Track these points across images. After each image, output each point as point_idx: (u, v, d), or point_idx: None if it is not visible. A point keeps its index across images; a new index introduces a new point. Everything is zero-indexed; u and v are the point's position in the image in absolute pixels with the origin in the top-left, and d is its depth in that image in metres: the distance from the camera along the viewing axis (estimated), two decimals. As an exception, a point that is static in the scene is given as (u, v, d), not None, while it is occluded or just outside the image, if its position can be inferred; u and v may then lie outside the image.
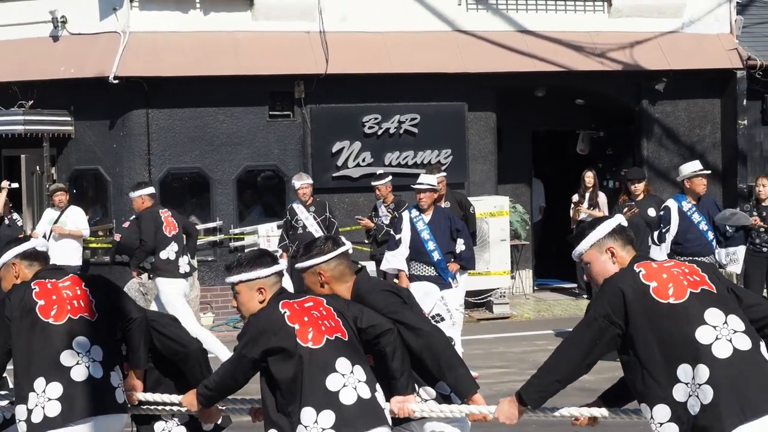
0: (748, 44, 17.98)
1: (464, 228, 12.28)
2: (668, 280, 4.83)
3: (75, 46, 16.05)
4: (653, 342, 4.73)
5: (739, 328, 4.73)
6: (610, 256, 5.04)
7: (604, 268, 5.04)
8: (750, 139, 18.11)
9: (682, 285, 4.82)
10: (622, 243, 5.06)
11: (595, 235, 5.07)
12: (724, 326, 4.71)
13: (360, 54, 16.43)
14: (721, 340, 4.66)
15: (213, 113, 16.26)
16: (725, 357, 4.63)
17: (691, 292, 4.79)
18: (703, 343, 4.66)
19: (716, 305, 4.78)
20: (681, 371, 4.66)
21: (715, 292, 4.84)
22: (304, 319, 5.15)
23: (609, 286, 4.91)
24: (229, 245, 16.36)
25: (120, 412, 5.74)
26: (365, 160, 16.61)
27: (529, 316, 16.24)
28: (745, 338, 4.70)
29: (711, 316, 4.73)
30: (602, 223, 5.11)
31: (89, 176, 16.58)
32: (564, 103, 18.42)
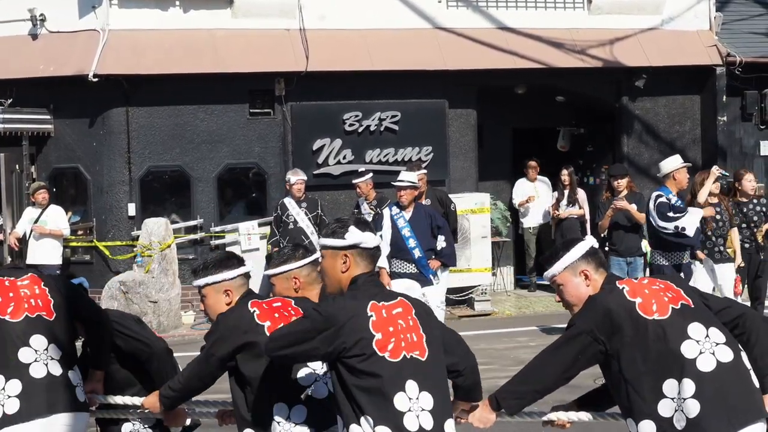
0: (728, 41, 18.04)
1: (445, 225, 12.30)
2: (650, 296, 4.86)
3: (54, 44, 15.99)
4: (639, 358, 4.76)
5: (720, 340, 4.78)
6: (583, 279, 5.03)
7: (578, 291, 5.03)
8: (730, 135, 18.17)
9: (664, 301, 4.85)
10: (595, 266, 5.06)
11: (569, 257, 5.05)
12: (707, 340, 4.76)
13: (340, 51, 16.42)
14: (704, 354, 4.71)
15: (193, 111, 16.21)
16: (709, 370, 4.68)
17: (672, 308, 4.83)
18: (688, 358, 4.70)
19: (697, 319, 4.82)
20: (667, 386, 4.70)
21: (692, 306, 4.89)
22: (274, 315, 5.12)
23: (595, 303, 4.91)
24: (210, 243, 16.32)
25: (80, 411, 5.68)
26: (346, 157, 16.60)
27: (511, 313, 16.25)
28: (726, 350, 4.75)
29: (693, 330, 4.78)
30: (576, 246, 5.09)
31: (69, 175, 16.53)
32: (544, 100, 18.44)
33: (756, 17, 19.00)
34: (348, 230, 4.90)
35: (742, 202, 13.06)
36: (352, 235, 4.89)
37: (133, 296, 15.00)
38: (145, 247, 15.32)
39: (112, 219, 16.04)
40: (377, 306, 4.76)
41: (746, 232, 13.00)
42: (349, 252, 4.89)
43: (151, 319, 14.96)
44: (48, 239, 15.15)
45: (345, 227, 4.92)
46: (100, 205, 16.07)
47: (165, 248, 15.33)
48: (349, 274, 4.90)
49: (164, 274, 15.31)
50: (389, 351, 4.66)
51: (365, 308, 4.73)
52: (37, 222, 15.12)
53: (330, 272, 4.94)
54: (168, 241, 15.41)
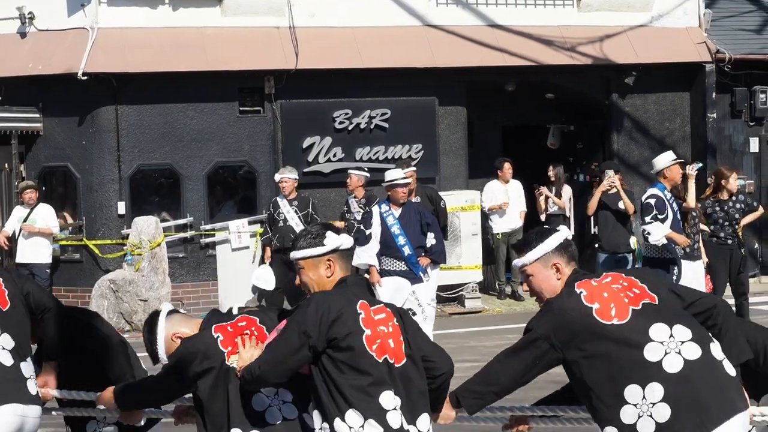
0: (717, 38, 18.06)
1: (434, 222, 12.31)
2: (609, 299, 4.76)
3: (43, 42, 15.95)
4: (599, 365, 4.69)
5: (686, 337, 4.70)
6: (555, 272, 4.95)
7: (548, 283, 4.95)
8: (719, 132, 18.20)
9: (624, 303, 4.76)
10: (567, 259, 4.98)
11: (542, 248, 4.96)
12: (671, 339, 4.68)
13: (330, 49, 16.40)
14: (670, 354, 4.63)
15: (183, 109, 16.19)
16: (677, 371, 4.61)
17: (633, 310, 4.74)
18: (653, 361, 4.63)
19: (660, 319, 4.73)
20: (628, 393, 4.63)
21: (656, 303, 4.80)
22: (234, 341, 5.04)
23: (552, 308, 4.85)
24: (200, 242, 16.30)
25: (32, 404, 5.61)
26: (336, 155, 16.58)
27: (501, 310, 16.28)
28: (693, 346, 4.68)
29: (656, 331, 4.69)
30: (550, 236, 5.00)
31: (58, 173, 16.49)
32: (534, 97, 18.45)
33: (745, 14, 19.03)
34: (326, 236, 4.92)
35: (722, 200, 13.10)
36: (330, 240, 4.91)
37: (123, 295, 14.98)
38: (135, 246, 15.30)
39: (101, 217, 16.01)
40: (366, 306, 4.80)
41: (728, 228, 13.06)
42: (331, 256, 4.92)
43: (142, 318, 14.94)
44: (37, 238, 15.11)
45: (321, 234, 4.93)
46: (89, 204, 16.04)
47: (155, 247, 15.32)
48: (335, 277, 4.92)
49: (154, 273, 15.30)
50: (374, 351, 4.70)
51: (356, 304, 4.77)
52: (27, 221, 15.09)
53: (316, 281, 4.93)
54: (158, 239, 15.40)
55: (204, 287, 16.23)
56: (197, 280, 16.29)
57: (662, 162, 12.09)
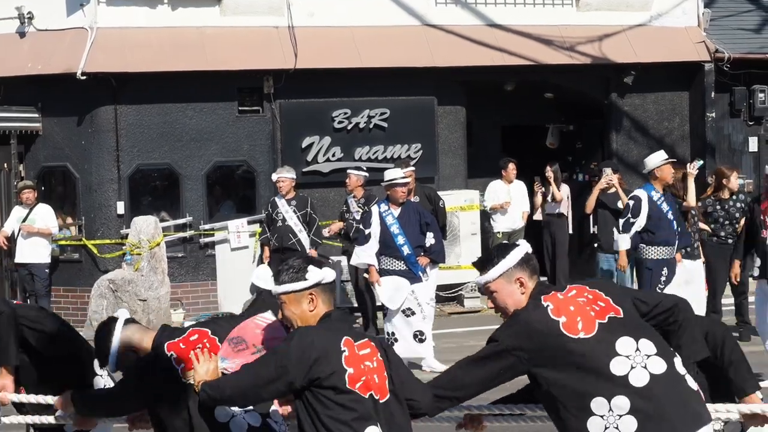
0: (716, 37, 18.06)
1: (433, 222, 12.31)
2: (576, 313, 4.77)
3: (42, 42, 15.94)
4: (566, 377, 4.70)
5: (652, 351, 4.74)
6: (519, 286, 4.95)
7: (513, 299, 4.95)
8: (718, 131, 18.21)
9: (590, 317, 4.77)
10: (530, 272, 4.97)
11: (505, 263, 4.95)
12: (637, 353, 4.71)
13: (329, 49, 16.40)
14: (636, 369, 4.66)
15: (182, 109, 16.18)
16: (643, 385, 4.64)
17: (599, 324, 4.75)
18: (619, 375, 4.65)
19: (626, 332, 4.76)
20: (594, 404, 4.65)
21: (622, 316, 4.82)
22: (188, 356, 5.02)
23: (519, 321, 4.85)
24: (199, 241, 16.30)
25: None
26: (335, 155, 16.58)
27: (500, 310, 16.24)
28: (659, 361, 4.72)
29: (622, 345, 4.72)
30: (512, 251, 5.00)
31: (57, 173, 16.49)
32: (533, 96, 18.44)
33: (744, 13, 19.03)
34: (308, 270, 4.86)
35: (723, 199, 13.10)
36: (313, 274, 4.85)
37: (123, 294, 14.98)
38: (134, 246, 15.30)
39: (100, 217, 16.00)
40: (350, 342, 4.74)
41: (728, 228, 13.07)
42: (313, 291, 4.86)
43: (141, 317, 14.95)
44: (36, 238, 15.11)
45: (304, 268, 4.87)
46: (88, 204, 16.04)
47: (154, 246, 15.31)
48: (318, 312, 4.86)
49: (153, 273, 15.29)
50: (358, 388, 4.66)
51: (339, 342, 4.71)
52: (26, 221, 15.08)
53: (299, 316, 4.87)
54: (157, 239, 15.39)
55: (203, 287, 16.23)
56: (196, 279, 16.29)
57: (653, 162, 12.09)
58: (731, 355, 5.39)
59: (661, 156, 12.12)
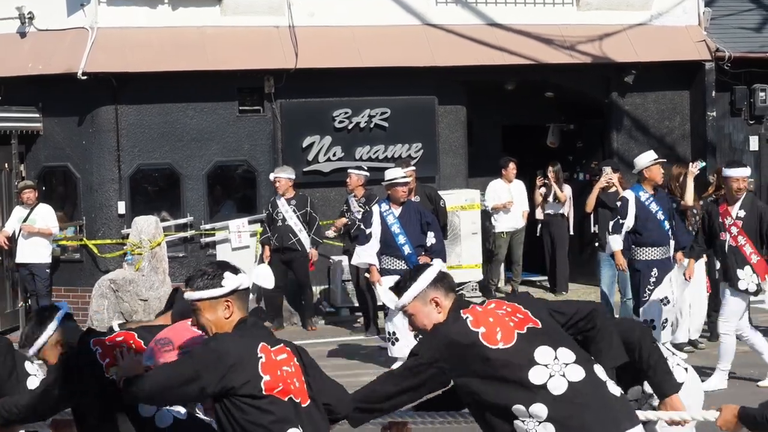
0: (717, 36, 18.05)
1: (434, 221, 12.31)
2: (495, 324, 4.83)
3: (43, 42, 15.94)
4: (487, 387, 4.75)
5: (570, 359, 4.79)
6: (434, 306, 4.97)
7: (430, 319, 4.97)
8: (719, 130, 18.19)
9: (509, 327, 4.83)
10: (444, 291, 5.01)
11: (418, 285, 4.98)
12: (555, 362, 4.76)
13: (329, 48, 16.40)
14: (554, 377, 4.72)
15: (182, 109, 16.18)
16: (561, 393, 4.70)
17: (518, 334, 4.81)
18: (538, 384, 4.71)
19: (544, 342, 4.82)
20: (516, 411, 4.72)
21: (540, 326, 4.88)
22: (113, 353, 5.02)
23: (438, 334, 4.89)
24: (200, 241, 16.30)
25: None
26: (336, 154, 16.58)
27: (501, 309, 16.21)
28: (577, 368, 4.78)
29: (541, 354, 4.77)
30: (424, 273, 5.03)
31: (58, 173, 16.49)
32: (534, 96, 18.43)
33: (744, 12, 19.01)
34: (224, 277, 4.77)
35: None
36: (229, 281, 4.77)
37: (123, 294, 14.98)
38: (135, 245, 15.30)
39: (101, 217, 16.00)
40: (267, 348, 4.71)
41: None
42: (230, 297, 4.77)
43: (142, 317, 14.95)
44: (37, 238, 15.10)
45: (219, 275, 4.77)
46: (89, 204, 16.04)
47: (155, 246, 15.31)
48: (233, 319, 4.79)
49: (154, 272, 15.29)
50: (277, 393, 4.64)
51: (255, 348, 4.67)
52: (26, 221, 15.08)
53: (214, 323, 4.77)
54: (158, 239, 15.39)
55: (204, 287, 16.19)
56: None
57: (641, 162, 12.09)
58: (649, 358, 5.38)
59: (650, 156, 12.12)
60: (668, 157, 16.71)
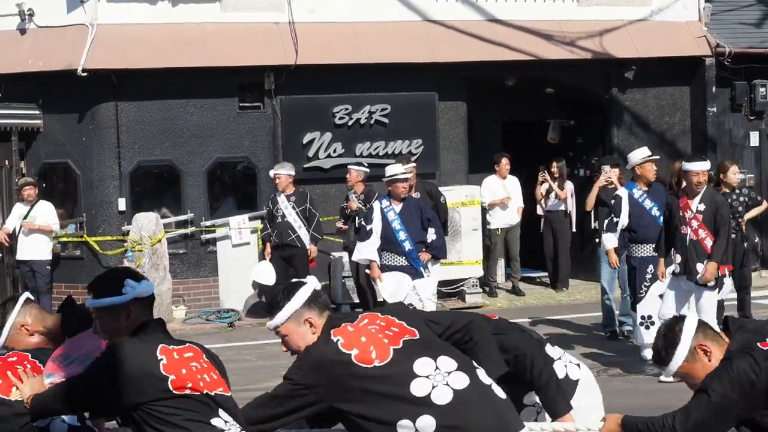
0: (717, 31, 18.04)
1: (435, 217, 12.31)
2: (368, 342, 4.73)
3: (42, 39, 15.94)
4: (367, 408, 4.65)
5: (452, 367, 4.71)
6: (308, 327, 4.86)
7: (305, 340, 4.85)
8: (719, 126, 18.18)
9: (383, 344, 4.73)
10: (318, 311, 4.89)
11: (291, 306, 4.85)
12: (437, 372, 4.67)
13: (329, 45, 16.39)
14: (438, 387, 4.63)
15: (183, 105, 16.19)
16: (446, 402, 4.61)
17: (393, 350, 4.72)
18: (420, 396, 4.61)
19: (423, 353, 4.73)
20: (400, 428, 4.62)
21: (417, 337, 4.80)
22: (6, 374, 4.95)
23: (310, 358, 4.78)
24: (201, 238, 16.30)
25: None
26: (336, 150, 16.58)
27: (502, 305, 16.26)
28: (460, 375, 4.69)
29: (420, 366, 4.68)
30: (297, 292, 4.89)
31: (59, 170, 16.49)
32: (534, 92, 18.43)
33: (745, 8, 19.01)
34: (125, 284, 4.67)
35: (726, 193, 13.08)
36: (130, 289, 4.66)
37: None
38: (136, 242, 15.30)
39: (102, 214, 16.01)
40: (167, 349, 4.61)
41: (731, 222, 13.03)
42: (131, 305, 4.66)
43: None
44: (37, 235, 15.10)
45: (119, 282, 4.68)
46: (90, 200, 16.04)
47: (155, 243, 15.32)
48: (132, 325, 4.69)
49: (155, 269, 15.29)
50: (188, 389, 4.55)
51: (155, 352, 4.57)
52: (27, 218, 15.08)
53: (114, 330, 4.67)
54: (158, 235, 15.40)
55: (205, 283, 16.24)
56: (198, 276, 16.29)
57: (633, 159, 12.09)
58: (540, 377, 5.31)
59: (643, 153, 12.12)
60: (669, 153, 16.81)
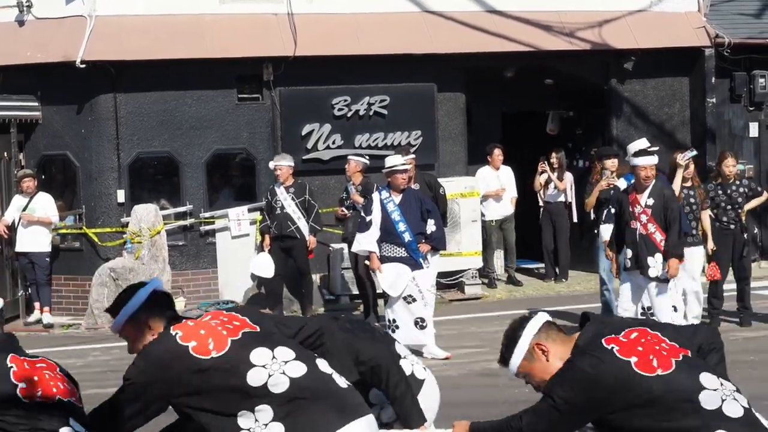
0: (716, 22, 18.02)
1: (434, 209, 12.30)
2: (207, 335, 4.73)
3: (41, 30, 15.92)
4: (206, 400, 4.65)
5: (290, 356, 4.73)
6: (148, 329, 4.86)
7: (144, 343, 4.86)
8: (719, 116, 18.17)
9: (222, 335, 4.74)
10: (158, 312, 4.90)
11: (129, 308, 4.84)
12: (274, 361, 4.68)
13: (328, 36, 16.37)
14: (274, 376, 4.64)
15: (181, 97, 16.17)
16: (283, 391, 4.63)
17: (232, 341, 4.73)
18: (257, 386, 4.62)
19: (261, 344, 4.74)
20: (241, 420, 4.63)
21: (258, 330, 4.82)
22: None
23: (148, 355, 4.75)
24: (200, 229, 16.30)
25: None
26: (335, 142, 16.58)
27: (501, 296, 16.27)
28: (298, 364, 4.71)
29: (257, 356, 4.68)
30: (135, 295, 4.88)
31: (58, 162, 16.48)
32: (533, 83, 18.43)
33: (744, -2, 18.99)
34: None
35: (726, 184, 13.07)
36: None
37: (123, 283, 14.95)
38: (135, 234, 15.30)
39: (101, 206, 16.00)
40: (17, 358, 4.63)
41: (731, 213, 13.04)
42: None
43: (142, 306, 14.94)
44: (37, 227, 15.11)
45: None
46: (89, 192, 16.03)
47: (155, 234, 15.32)
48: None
49: (154, 261, 15.30)
50: (38, 397, 4.55)
51: (5, 361, 4.59)
52: (26, 210, 15.08)
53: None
54: (157, 227, 15.40)
55: (204, 275, 16.24)
56: (197, 267, 16.29)
57: (632, 151, 12.08)
58: (395, 389, 5.30)
59: (640, 145, 12.11)
60: (668, 144, 16.80)
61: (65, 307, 15.93)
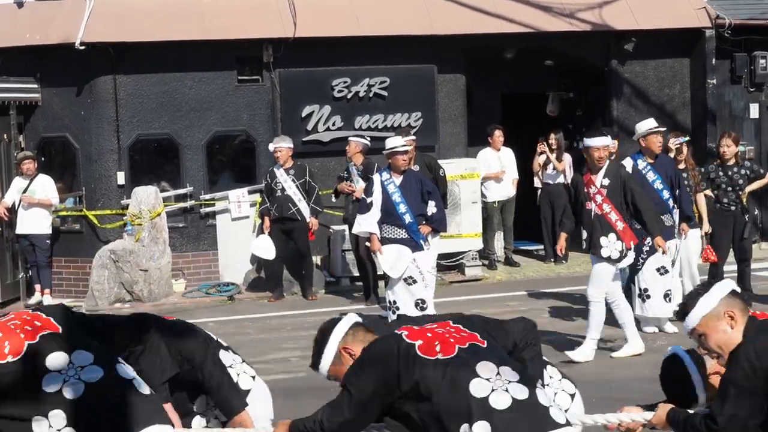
0: (717, 3, 17.98)
1: (435, 190, 12.28)
2: (3, 339, 4.75)
3: (40, 12, 15.89)
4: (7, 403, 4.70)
5: (87, 362, 4.74)
6: None
7: None
8: (719, 98, 18.15)
9: (19, 339, 4.75)
10: None
11: None
12: (70, 366, 4.71)
13: (328, 17, 16.34)
14: (69, 382, 4.68)
15: (181, 78, 16.15)
16: (78, 396, 4.67)
17: (28, 344, 4.74)
18: (52, 392, 4.66)
19: (59, 348, 4.75)
20: (37, 426, 4.65)
21: (60, 332, 4.82)
22: None
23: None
24: (200, 211, 16.30)
25: None
26: (335, 124, 16.56)
27: (501, 278, 16.28)
28: (95, 369, 4.74)
29: (52, 361, 4.69)
30: None
31: (57, 144, 16.46)
32: (533, 64, 18.40)
33: (745, -21, 18.93)
34: None
35: (727, 165, 13.05)
36: None
37: (124, 265, 14.99)
38: (135, 216, 15.30)
39: (101, 188, 16.00)
40: None
41: (732, 194, 13.03)
42: None
43: (142, 288, 14.99)
44: (37, 209, 15.11)
45: None
46: (89, 174, 16.03)
47: (155, 216, 15.31)
48: None
49: (154, 243, 15.30)
50: None
51: None
52: (26, 192, 15.08)
53: None
54: (158, 209, 15.39)
55: (204, 257, 16.25)
56: (198, 249, 16.30)
57: (639, 130, 12.06)
58: (210, 380, 5.36)
59: (648, 125, 12.07)
60: (669, 125, 16.72)
61: (66, 289, 15.94)
